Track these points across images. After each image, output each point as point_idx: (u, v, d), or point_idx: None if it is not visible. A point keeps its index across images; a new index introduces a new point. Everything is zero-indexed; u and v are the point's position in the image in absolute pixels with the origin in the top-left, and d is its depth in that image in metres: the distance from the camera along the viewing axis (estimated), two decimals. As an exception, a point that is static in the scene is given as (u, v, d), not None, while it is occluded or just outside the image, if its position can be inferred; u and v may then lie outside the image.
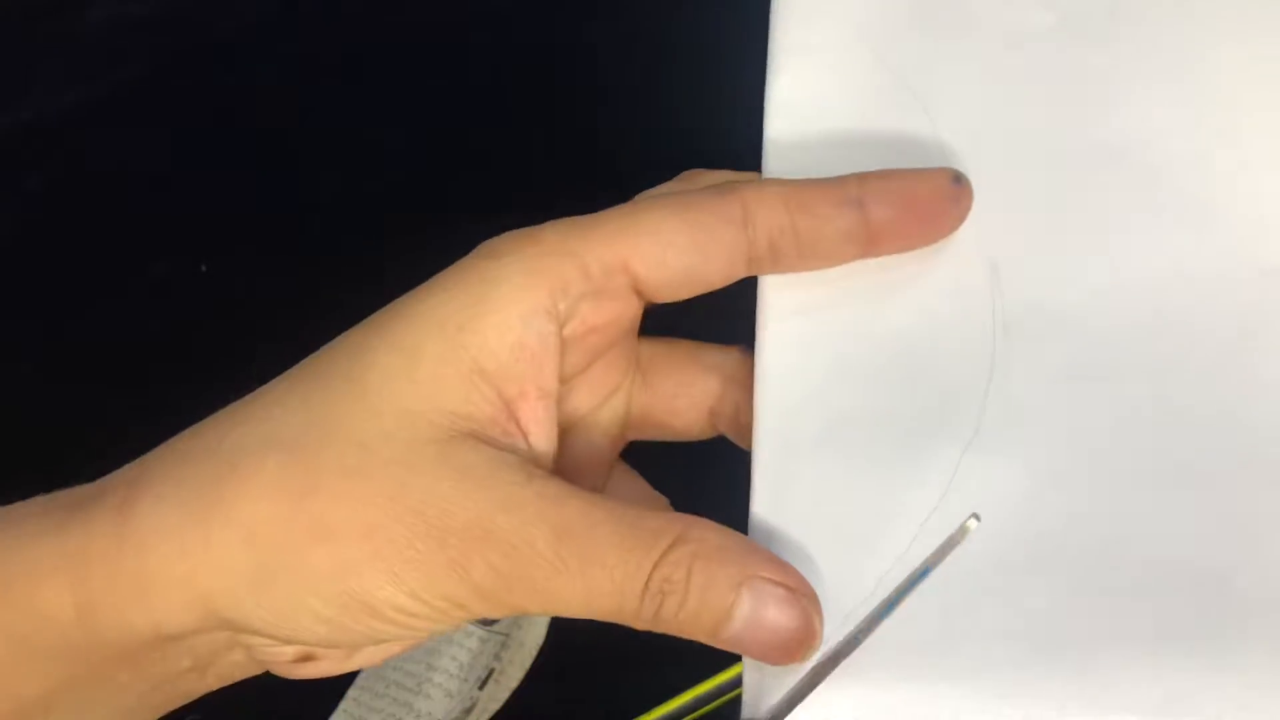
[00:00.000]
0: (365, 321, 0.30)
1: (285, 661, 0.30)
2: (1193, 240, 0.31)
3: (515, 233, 0.30)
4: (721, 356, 0.33)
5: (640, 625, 0.28)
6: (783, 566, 0.27)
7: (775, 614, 0.27)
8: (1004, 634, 0.28)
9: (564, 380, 0.31)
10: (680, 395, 0.33)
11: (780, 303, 0.31)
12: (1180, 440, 0.30)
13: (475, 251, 0.30)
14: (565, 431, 0.32)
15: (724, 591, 0.27)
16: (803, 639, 0.27)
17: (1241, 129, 0.32)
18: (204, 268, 0.59)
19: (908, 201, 0.30)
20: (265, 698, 0.44)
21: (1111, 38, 0.33)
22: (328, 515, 0.27)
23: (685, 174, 0.33)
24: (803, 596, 0.27)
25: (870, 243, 0.30)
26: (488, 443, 0.28)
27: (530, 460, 0.29)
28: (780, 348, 0.31)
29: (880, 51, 0.33)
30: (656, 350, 0.34)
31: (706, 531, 0.28)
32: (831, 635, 0.28)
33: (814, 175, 0.30)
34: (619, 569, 0.27)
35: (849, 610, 0.29)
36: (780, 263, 0.30)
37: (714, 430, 0.34)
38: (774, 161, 0.33)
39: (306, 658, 0.30)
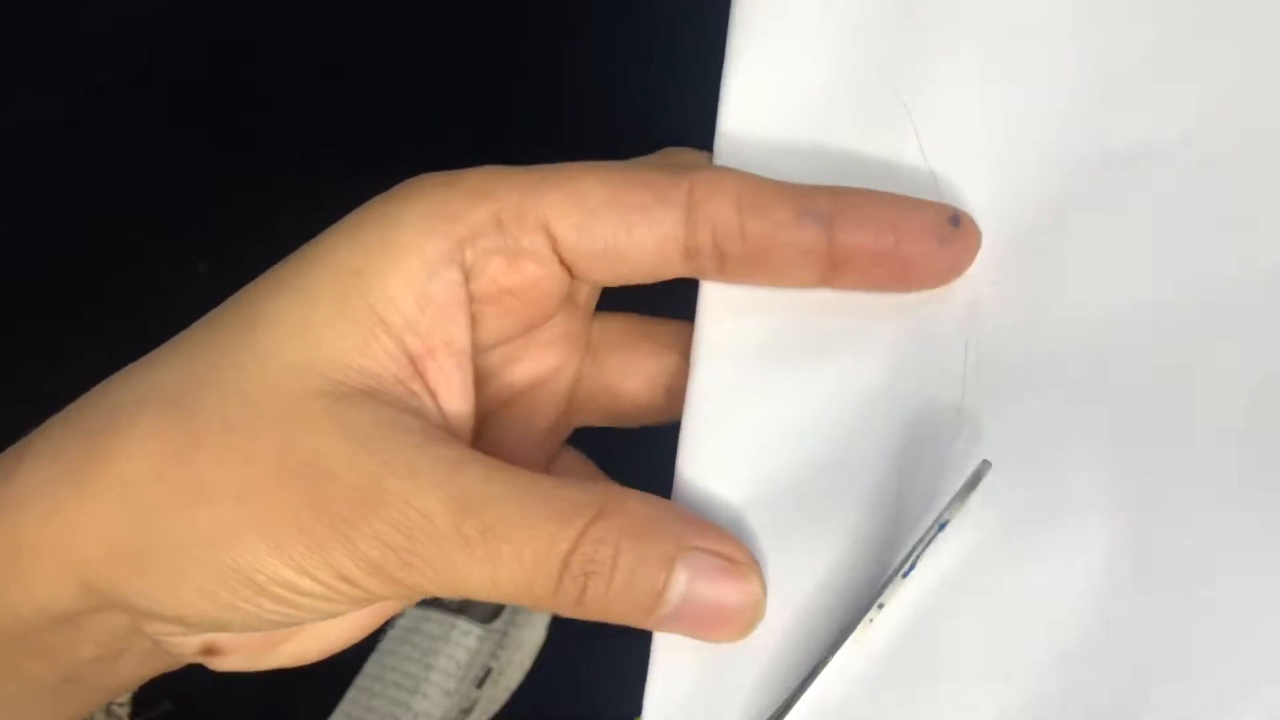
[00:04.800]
0: (266, 271, 0.27)
1: (191, 653, 0.27)
2: (1233, 264, 0.25)
3: (434, 174, 0.26)
4: (677, 331, 0.30)
5: (558, 610, 0.24)
6: (719, 534, 0.24)
7: (715, 588, 0.24)
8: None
9: (484, 347, 0.28)
10: (631, 374, 0.30)
11: (715, 336, 0.27)
12: (1194, 526, 0.24)
13: (390, 190, 0.26)
14: (499, 409, 0.29)
15: (655, 569, 0.24)
16: (747, 611, 0.24)
17: None
18: (203, 268, 0.59)
19: (886, 233, 0.25)
20: (264, 698, 0.44)
21: (1135, 24, 0.27)
22: (206, 475, 0.24)
23: (664, 150, 0.29)
24: (743, 564, 0.24)
25: (831, 269, 0.26)
26: (388, 402, 0.25)
27: (439, 425, 0.26)
28: (710, 397, 0.27)
29: (857, 40, 0.28)
30: (608, 326, 0.30)
31: (630, 502, 0.24)
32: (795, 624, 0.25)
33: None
34: (528, 546, 0.23)
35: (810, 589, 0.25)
36: (726, 268, 0.26)
37: (674, 412, 0.30)
38: (726, 162, 0.28)
39: (211, 649, 0.27)
